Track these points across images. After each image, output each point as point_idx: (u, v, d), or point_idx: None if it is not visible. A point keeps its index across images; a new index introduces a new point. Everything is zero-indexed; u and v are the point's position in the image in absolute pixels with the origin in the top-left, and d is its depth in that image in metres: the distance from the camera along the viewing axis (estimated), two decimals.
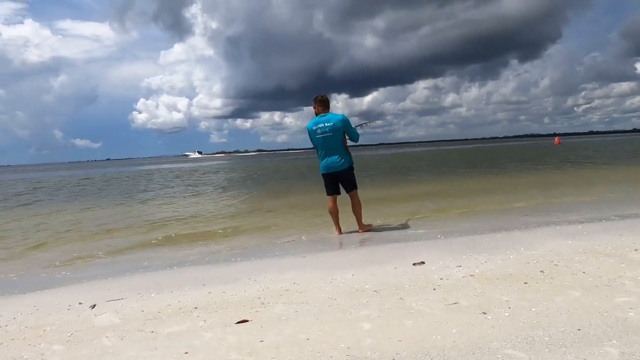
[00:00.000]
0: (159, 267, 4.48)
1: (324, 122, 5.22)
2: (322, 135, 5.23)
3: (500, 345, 2.03)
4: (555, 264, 3.32)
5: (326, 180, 5.46)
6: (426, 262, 3.63)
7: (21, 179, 33.53)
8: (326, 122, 5.21)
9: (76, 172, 46.03)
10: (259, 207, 9.36)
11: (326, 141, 5.23)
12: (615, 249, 3.64)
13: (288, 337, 2.29)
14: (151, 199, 12.02)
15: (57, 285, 3.96)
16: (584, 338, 2.06)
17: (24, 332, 2.66)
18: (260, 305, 2.85)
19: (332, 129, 5.18)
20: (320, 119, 5.25)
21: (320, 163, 5.42)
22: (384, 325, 2.35)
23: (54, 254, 5.52)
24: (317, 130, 5.24)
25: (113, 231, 7.00)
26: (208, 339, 2.35)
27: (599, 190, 8.79)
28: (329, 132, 5.20)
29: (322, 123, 5.23)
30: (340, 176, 5.38)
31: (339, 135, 5.23)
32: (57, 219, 8.85)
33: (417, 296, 2.80)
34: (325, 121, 5.22)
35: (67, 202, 12.43)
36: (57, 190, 17.97)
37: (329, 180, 5.43)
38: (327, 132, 5.20)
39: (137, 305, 3.04)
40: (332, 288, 3.11)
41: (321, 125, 5.22)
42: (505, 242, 4.25)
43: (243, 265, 4.22)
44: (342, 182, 5.43)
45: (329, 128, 5.19)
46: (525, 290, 2.76)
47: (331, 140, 5.22)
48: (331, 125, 5.18)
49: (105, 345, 2.38)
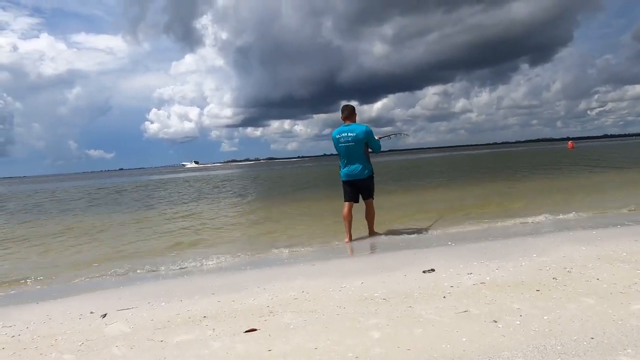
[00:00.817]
0: (170, 275, 4.51)
1: (348, 132, 5.38)
2: (344, 144, 5.40)
3: (512, 354, 2.00)
4: (568, 270, 3.26)
5: (345, 187, 5.61)
6: (436, 269, 3.59)
7: (40, 189, 34.11)
8: (350, 132, 5.38)
9: (89, 182, 46.75)
10: (267, 215, 9.39)
11: (348, 150, 5.40)
12: (631, 255, 3.57)
13: (296, 346, 2.28)
14: (163, 207, 12.13)
15: (70, 294, 4.01)
16: (598, 347, 2.01)
17: (36, 342, 2.70)
18: (269, 314, 2.85)
19: (354, 139, 5.35)
20: (344, 129, 5.43)
21: (341, 170, 5.58)
22: (393, 334, 2.33)
23: (68, 261, 5.59)
24: (340, 139, 5.41)
25: (125, 240, 7.07)
26: (216, 348, 2.35)
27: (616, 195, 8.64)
28: (352, 142, 5.36)
29: (345, 132, 5.40)
30: (361, 184, 5.52)
31: (360, 146, 5.40)
32: (77, 226, 8.98)
33: (427, 304, 2.77)
34: (349, 131, 5.38)
35: (84, 211, 12.61)
36: (76, 200, 18.26)
37: (348, 187, 5.59)
38: (349, 141, 5.37)
39: (147, 314, 3.06)
40: (341, 296, 3.10)
41: (344, 134, 5.39)
42: (517, 248, 4.19)
43: (252, 274, 4.22)
44: (361, 190, 5.57)
45: (351, 138, 5.36)
46: (537, 298, 2.71)
47: (353, 150, 5.39)
48: (354, 136, 5.35)
49: (115, 354, 2.39)
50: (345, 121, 5.48)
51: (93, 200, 17.17)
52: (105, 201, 16.60)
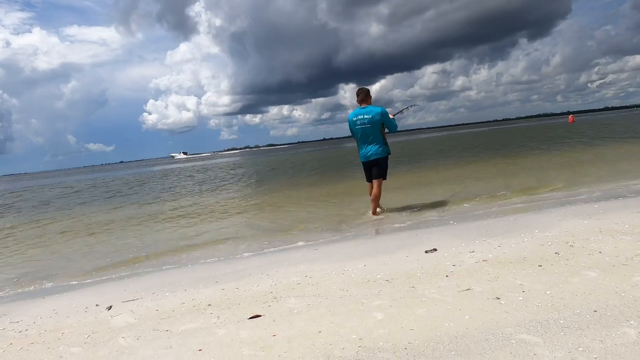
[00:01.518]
0: (173, 266, 4.53)
1: (364, 114, 5.55)
2: (361, 126, 5.58)
3: (514, 330, 2.00)
4: (570, 245, 3.26)
5: (365, 168, 5.82)
6: (438, 249, 3.59)
7: (46, 184, 34.19)
8: (366, 114, 5.55)
9: (89, 175, 46.83)
10: (268, 201, 9.39)
11: (365, 132, 5.59)
12: (633, 227, 3.56)
13: (300, 330, 2.29)
14: (162, 198, 12.15)
15: (75, 287, 4.04)
16: (601, 319, 2.01)
17: (43, 336, 2.72)
18: (273, 299, 2.86)
19: (370, 120, 5.52)
20: (360, 111, 5.60)
21: (359, 152, 5.79)
22: (396, 315, 2.34)
23: (72, 254, 5.63)
24: (357, 122, 5.59)
25: (127, 231, 7.10)
26: (221, 335, 2.36)
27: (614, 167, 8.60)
28: (368, 124, 5.54)
29: (361, 115, 5.57)
30: (375, 163, 5.69)
31: (377, 127, 5.57)
32: (77, 221, 9.02)
33: (430, 284, 2.77)
34: (365, 113, 5.55)
35: (85, 205, 12.64)
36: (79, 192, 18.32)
37: (367, 168, 5.79)
38: (365, 123, 5.55)
39: (152, 305, 3.08)
40: (344, 279, 3.11)
41: (361, 117, 5.57)
42: (519, 225, 4.19)
43: (255, 260, 4.24)
44: (375, 168, 5.72)
45: (367, 120, 5.53)
46: (540, 273, 2.71)
47: (370, 132, 5.57)
48: (370, 118, 5.52)
49: (122, 345, 2.41)
50: (361, 104, 5.63)
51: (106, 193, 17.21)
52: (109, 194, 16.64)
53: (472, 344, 1.92)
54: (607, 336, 1.86)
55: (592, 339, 1.85)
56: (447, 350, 1.90)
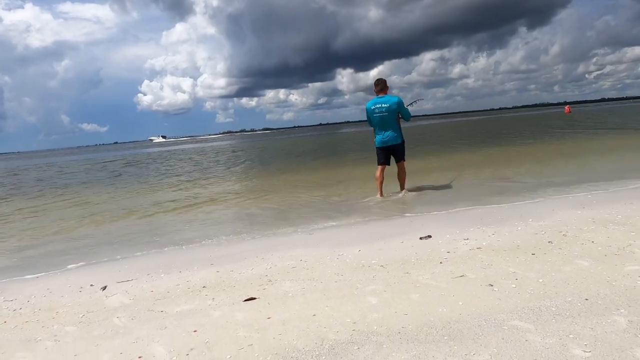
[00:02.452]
0: (168, 247, 4.52)
1: (382, 103, 6.01)
2: (379, 114, 6.03)
3: (507, 316, 2.03)
4: (563, 234, 3.29)
5: (379, 152, 6.26)
6: (433, 235, 3.62)
7: (42, 164, 33.91)
8: (383, 103, 6.01)
9: (81, 156, 46.51)
10: (263, 186, 9.38)
11: (383, 119, 6.05)
12: (626, 218, 3.59)
13: (295, 313, 2.31)
14: (161, 181, 12.10)
15: (69, 267, 4.03)
16: (592, 307, 2.04)
17: (37, 315, 2.73)
18: (268, 282, 2.88)
19: (388, 109, 5.99)
20: (379, 100, 6.06)
21: (376, 138, 6.24)
22: (390, 300, 2.36)
23: (66, 238, 5.61)
24: (375, 110, 6.04)
25: (123, 214, 7.07)
26: (216, 317, 2.38)
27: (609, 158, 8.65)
28: (385, 112, 5.99)
29: (379, 104, 6.02)
30: (395, 149, 6.19)
31: (394, 115, 6.05)
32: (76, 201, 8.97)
33: (424, 270, 2.80)
34: (383, 102, 6.02)
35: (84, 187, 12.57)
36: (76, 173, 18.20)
37: (382, 152, 6.23)
38: (383, 112, 6.00)
39: (146, 286, 3.08)
40: (339, 264, 3.13)
41: (379, 105, 6.02)
42: (514, 213, 4.22)
43: (251, 244, 4.25)
44: (394, 153, 6.22)
45: (385, 108, 5.99)
46: (533, 262, 2.74)
47: (387, 119, 6.04)
48: (387, 106, 5.99)
49: (117, 325, 2.42)
50: (379, 94, 6.12)
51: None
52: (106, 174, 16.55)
53: (465, 329, 1.95)
54: (598, 324, 1.89)
55: (583, 326, 1.88)
56: (440, 335, 1.92)
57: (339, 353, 1.85)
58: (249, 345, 1.99)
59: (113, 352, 2.08)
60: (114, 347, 2.14)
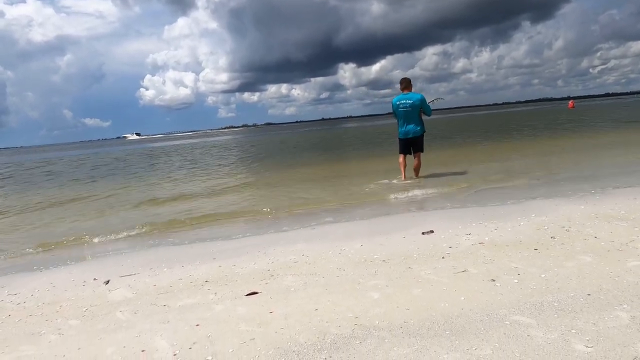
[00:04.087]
0: (171, 242, 4.54)
1: (406, 100, 6.76)
2: (403, 109, 6.78)
3: (509, 311, 2.03)
4: (566, 229, 3.28)
5: (401, 143, 7.00)
6: (435, 230, 3.61)
7: (43, 159, 34.02)
8: (408, 99, 6.75)
9: (88, 150, 46.58)
10: (264, 181, 9.38)
11: (407, 114, 6.80)
12: (629, 213, 3.58)
13: (297, 307, 2.32)
14: (158, 177, 12.13)
15: (73, 261, 4.05)
16: (594, 303, 2.04)
17: (41, 309, 2.74)
18: (270, 277, 2.88)
19: (411, 105, 6.74)
20: (403, 97, 6.81)
21: (399, 129, 6.97)
22: (392, 295, 2.36)
23: (66, 230, 5.63)
24: (400, 105, 6.80)
25: (126, 207, 7.10)
26: (219, 311, 2.39)
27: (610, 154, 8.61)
28: (409, 108, 6.75)
29: (404, 100, 6.77)
30: (415, 140, 6.91)
31: (417, 110, 6.79)
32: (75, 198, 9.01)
33: (426, 265, 2.80)
34: (407, 99, 6.76)
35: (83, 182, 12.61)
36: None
37: (404, 143, 6.97)
38: (407, 107, 6.76)
39: (149, 280, 3.10)
40: (341, 259, 3.13)
41: (403, 101, 6.77)
42: (516, 209, 4.21)
43: (253, 239, 4.25)
44: (415, 145, 6.93)
45: (409, 104, 6.74)
46: (535, 257, 2.74)
47: (411, 114, 6.79)
48: (411, 103, 6.74)
49: (120, 319, 2.44)
50: (404, 91, 6.85)
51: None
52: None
53: (466, 324, 1.95)
54: (600, 319, 1.88)
55: (585, 321, 1.88)
56: (442, 329, 1.93)
57: (341, 347, 1.86)
58: (251, 339, 2.00)
59: (116, 346, 2.09)
60: (117, 340, 2.15)
